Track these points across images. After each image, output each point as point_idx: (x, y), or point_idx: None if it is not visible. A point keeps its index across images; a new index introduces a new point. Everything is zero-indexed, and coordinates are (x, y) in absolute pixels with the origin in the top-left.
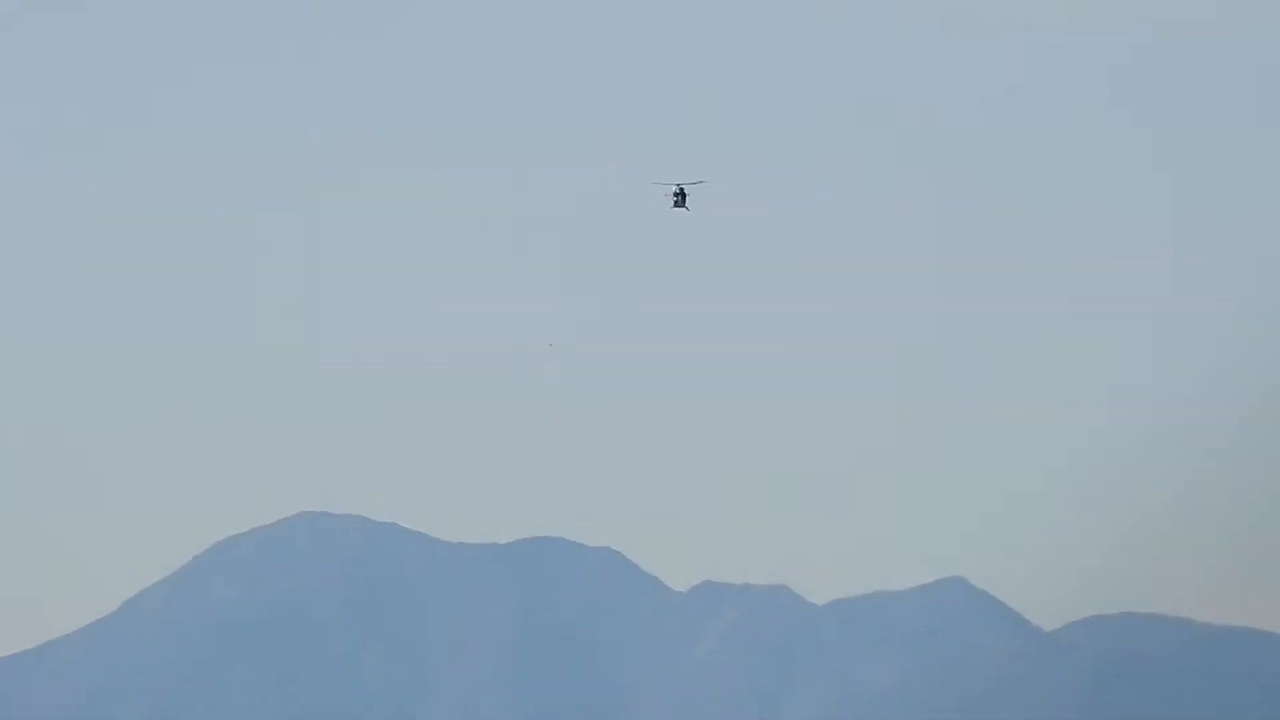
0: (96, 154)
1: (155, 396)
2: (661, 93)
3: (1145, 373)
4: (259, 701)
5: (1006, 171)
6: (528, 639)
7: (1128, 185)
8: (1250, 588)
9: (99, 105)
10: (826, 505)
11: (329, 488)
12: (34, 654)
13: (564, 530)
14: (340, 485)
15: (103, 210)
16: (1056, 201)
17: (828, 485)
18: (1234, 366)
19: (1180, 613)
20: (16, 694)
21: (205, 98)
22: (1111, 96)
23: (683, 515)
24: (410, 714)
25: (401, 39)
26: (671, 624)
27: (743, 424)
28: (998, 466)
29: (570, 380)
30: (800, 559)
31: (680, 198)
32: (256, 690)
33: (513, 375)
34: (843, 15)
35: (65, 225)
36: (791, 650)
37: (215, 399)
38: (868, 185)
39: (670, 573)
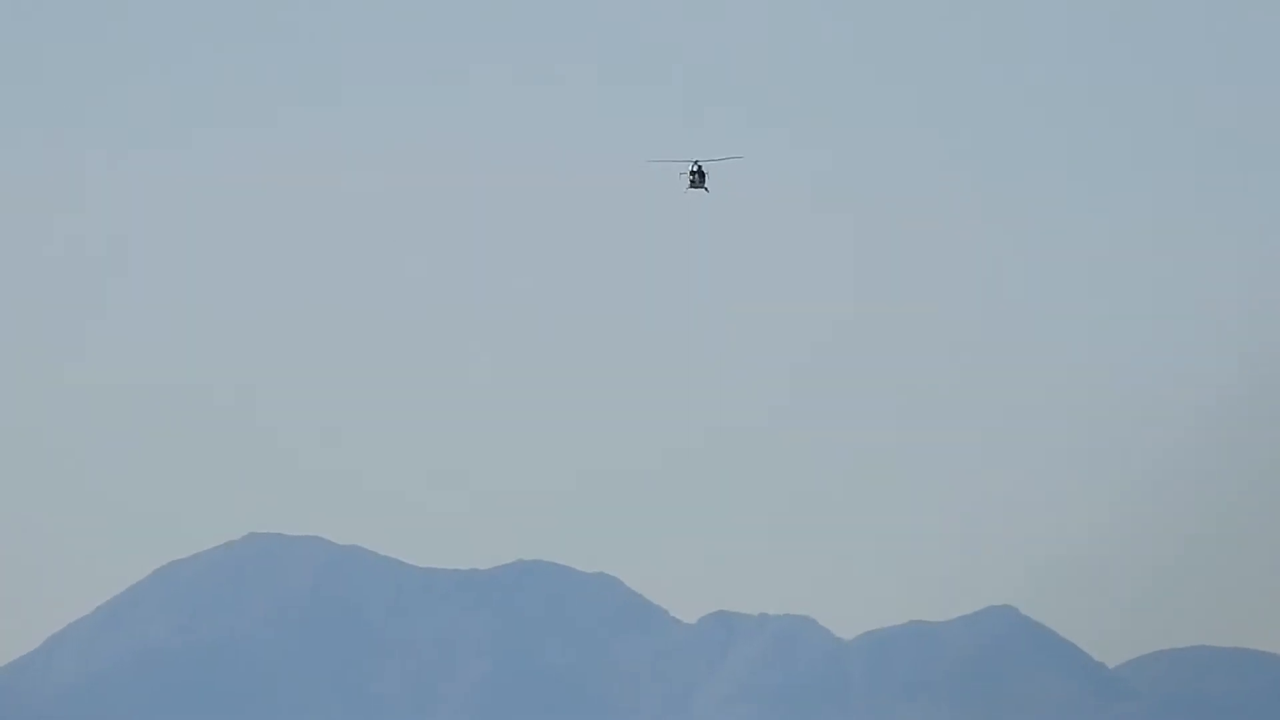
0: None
1: (89, 403)
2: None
3: (1214, 384)
4: None
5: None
6: (512, 679)
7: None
8: None
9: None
10: (854, 525)
11: (283, 506)
12: None
13: (554, 554)
14: (296, 503)
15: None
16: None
17: (855, 503)
18: None
19: (1263, 646)
20: None
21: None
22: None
23: (690, 536)
24: None
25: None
26: (678, 660)
27: (760, 435)
28: (1050, 484)
29: (563, 388)
30: (825, 586)
31: (698, 177)
32: None
33: (498, 382)
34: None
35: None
36: (817, 690)
37: (156, 406)
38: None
39: (676, 602)
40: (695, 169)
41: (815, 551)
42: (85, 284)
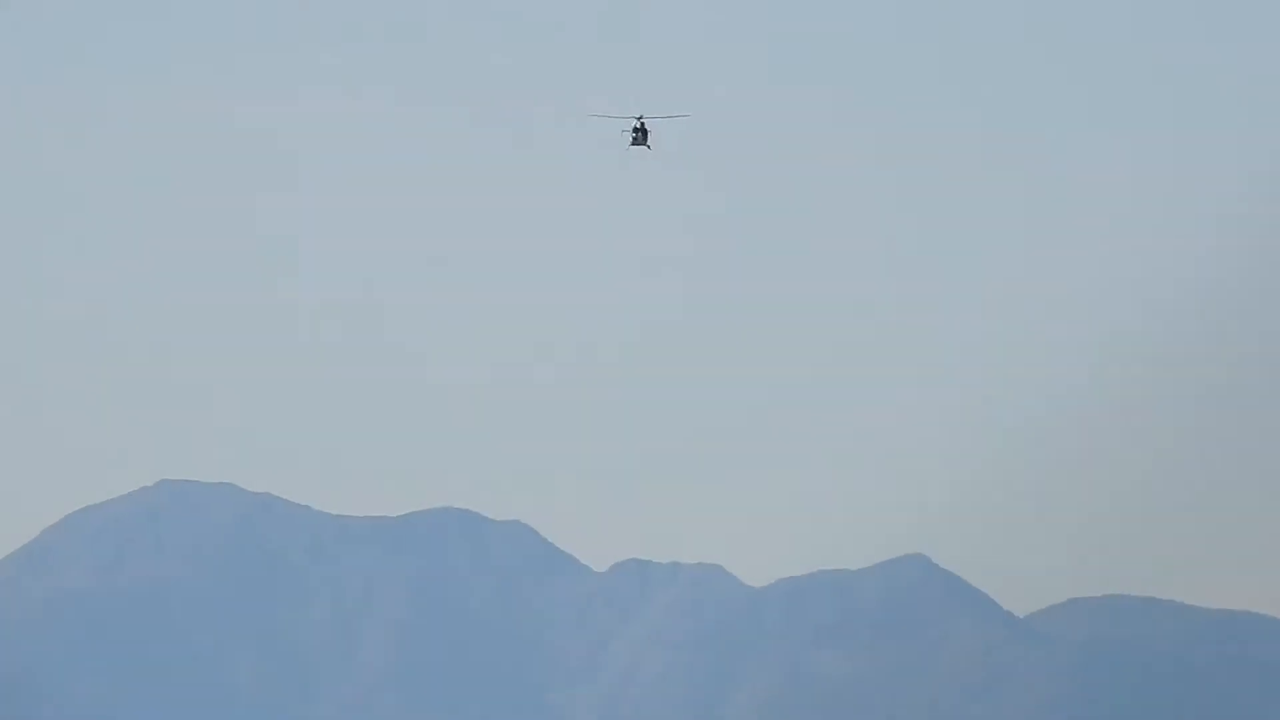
0: None
1: None
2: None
3: (1124, 338)
4: (114, 704)
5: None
6: (425, 628)
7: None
8: (1251, 569)
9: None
10: (765, 475)
11: (194, 452)
12: None
13: (466, 501)
14: (208, 449)
15: None
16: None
17: (766, 452)
18: (1213, 335)
19: (1174, 595)
20: None
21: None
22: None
23: (601, 485)
24: (292, 715)
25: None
26: (590, 609)
27: (667, 383)
28: (962, 433)
29: (472, 333)
30: (736, 535)
31: (640, 134)
32: (111, 691)
33: (407, 327)
34: None
35: None
36: (730, 638)
37: (65, 351)
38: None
39: (588, 550)
40: (638, 125)
41: (726, 501)
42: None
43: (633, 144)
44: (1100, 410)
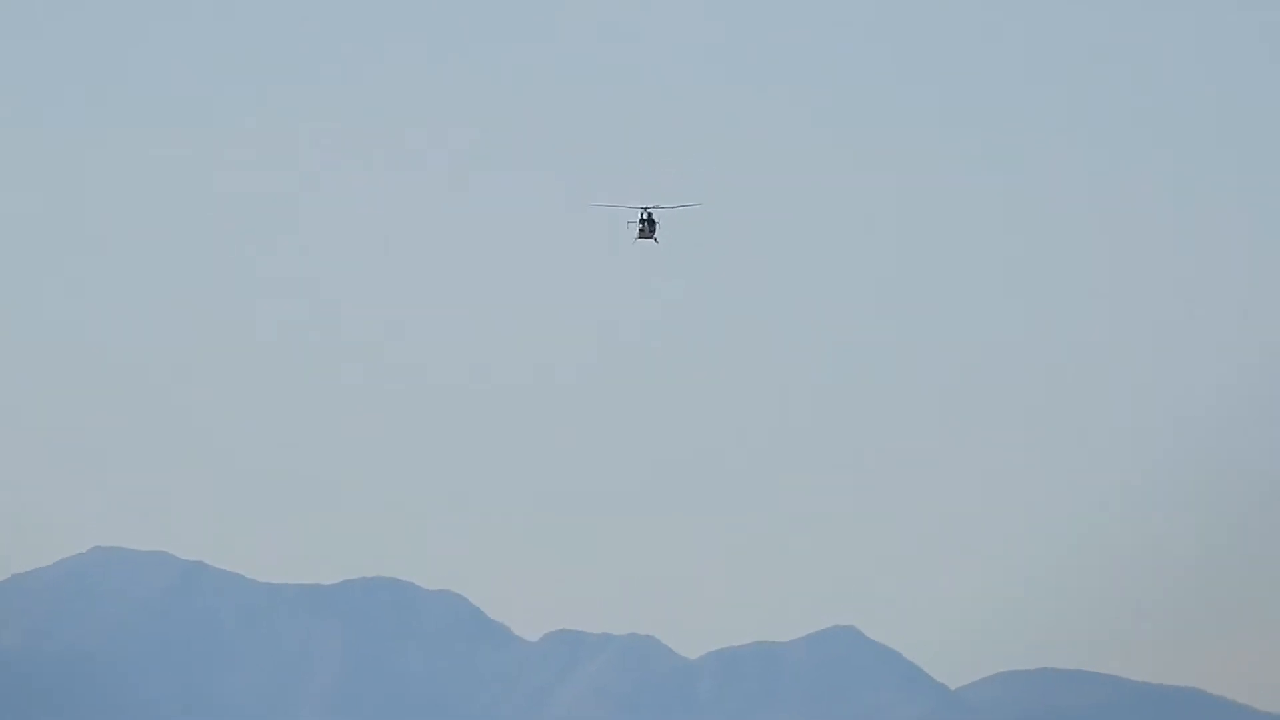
0: None
1: None
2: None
3: (1068, 403)
4: None
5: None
6: (355, 697)
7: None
8: (1191, 643)
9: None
10: (698, 546)
11: (126, 520)
12: None
13: (398, 570)
14: (140, 517)
15: None
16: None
17: (698, 523)
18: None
19: (1106, 669)
20: None
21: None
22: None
23: (533, 554)
24: None
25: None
26: (521, 678)
27: (601, 455)
28: (891, 504)
29: (403, 399)
30: (668, 606)
31: (647, 225)
32: None
33: (338, 391)
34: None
35: None
36: (662, 709)
37: None
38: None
39: (519, 620)
40: (645, 217)
41: (658, 573)
42: None
43: (639, 236)
44: (1027, 485)
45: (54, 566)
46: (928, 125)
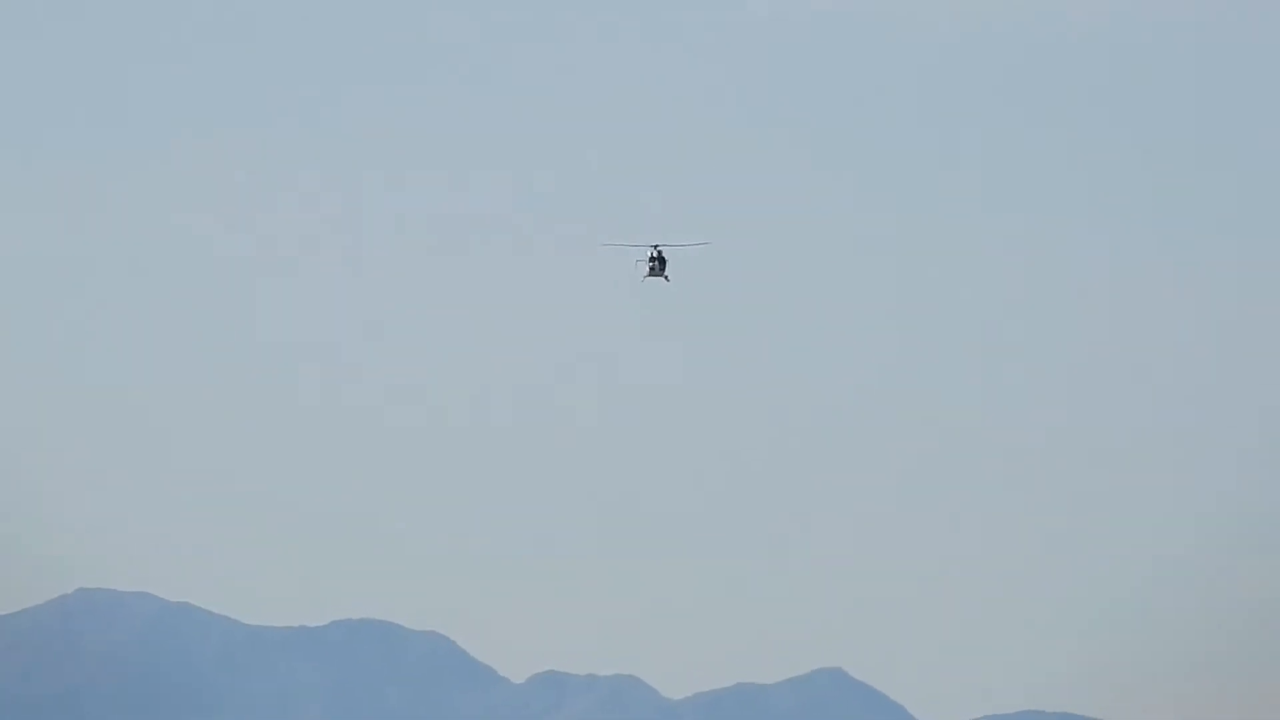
0: None
1: None
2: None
3: (1057, 447)
4: None
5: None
6: None
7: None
8: (1175, 689)
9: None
10: (682, 588)
11: (111, 560)
12: None
13: (383, 612)
14: (125, 557)
15: None
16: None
17: (683, 565)
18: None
19: (1090, 712)
20: None
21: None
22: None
23: (519, 596)
24: None
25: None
26: (507, 719)
27: (584, 497)
28: (876, 546)
29: (392, 442)
30: (653, 647)
31: (658, 264)
32: None
33: (325, 433)
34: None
35: None
36: None
37: None
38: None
39: (505, 662)
40: (655, 255)
41: (643, 614)
42: None
43: (649, 274)
44: (1014, 528)
45: (38, 608)
46: (938, 164)
